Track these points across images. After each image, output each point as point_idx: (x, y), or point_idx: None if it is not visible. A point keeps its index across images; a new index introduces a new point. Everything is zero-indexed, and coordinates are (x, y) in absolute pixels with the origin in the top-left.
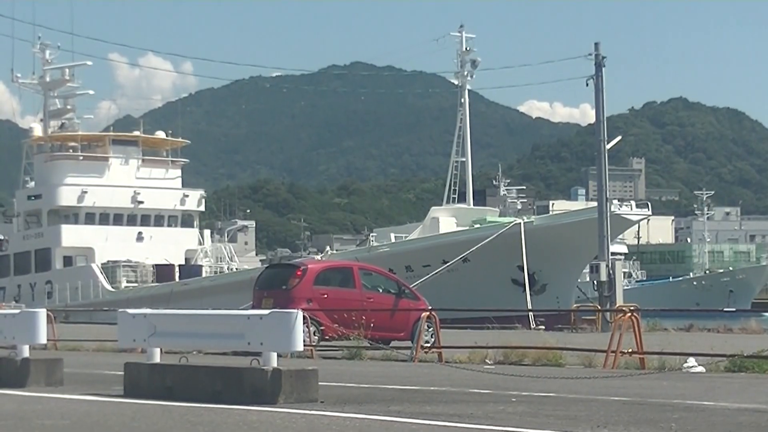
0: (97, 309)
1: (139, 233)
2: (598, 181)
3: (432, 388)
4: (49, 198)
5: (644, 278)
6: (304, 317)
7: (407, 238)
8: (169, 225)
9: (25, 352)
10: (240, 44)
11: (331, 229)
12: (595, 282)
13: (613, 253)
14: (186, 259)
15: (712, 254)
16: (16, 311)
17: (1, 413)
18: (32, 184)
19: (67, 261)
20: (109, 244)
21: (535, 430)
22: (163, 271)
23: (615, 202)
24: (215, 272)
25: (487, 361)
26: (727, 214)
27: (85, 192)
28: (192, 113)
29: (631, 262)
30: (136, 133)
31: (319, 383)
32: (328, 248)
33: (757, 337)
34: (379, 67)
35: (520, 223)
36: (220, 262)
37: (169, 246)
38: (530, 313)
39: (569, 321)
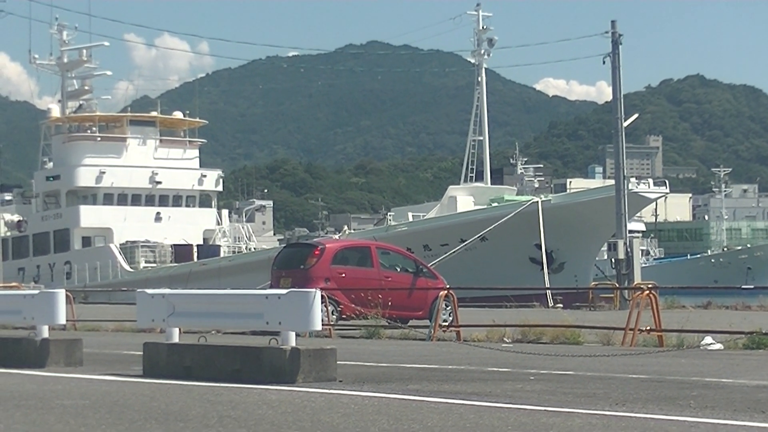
0: (116, 289)
1: (158, 213)
2: (615, 158)
3: (450, 366)
4: (68, 179)
5: (662, 256)
6: (322, 296)
7: (425, 217)
8: (187, 205)
9: (45, 332)
10: (257, 24)
11: (348, 209)
12: (612, 260)
13: (630, 231)
14: (204, 239)
15: (729, 231)
16: (36, 292)
17: (21, 393)
18: (50, 165)
19: (86, 241)
20: (127, 224)
21: (554, 408)
22: (181, 251)
23: (632, 179)
24: (233, 252)
25: (505, 339)
26: (745, 191)
27: (104, 172)
28: (209, 93)
29: (648, 240)
30: (154, 113)
31: (338, 362)
32: (345, 227)
33: None
34: (396, 46)
35: (537, 202)
36: (238, 241)
37: (187, 226)
38: (548, 292)
39: (587, 299)
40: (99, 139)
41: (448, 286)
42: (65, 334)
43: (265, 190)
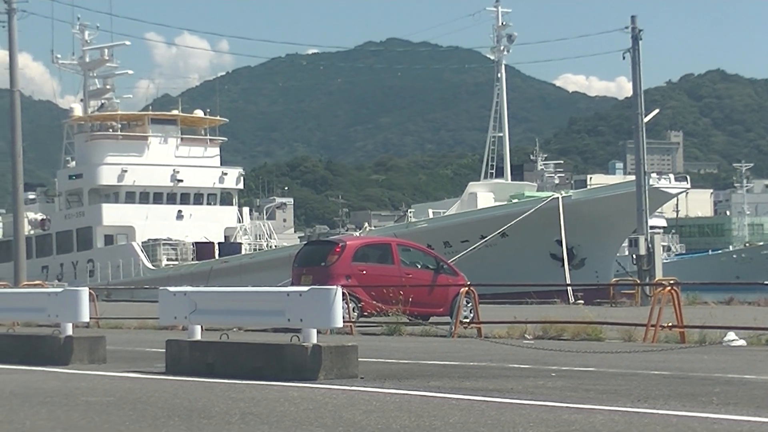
0: (138, 287)
1: (179, 211)
2: (636, 154)
3: (471, 363)
4: (90, 177)
5: (683, 252)
6: (343, 293)
7: (445, 214)
8: (209, 203)
9: (69, 330)
10: (277, 22)
11: (369, 206)
12: (634, 256)
13: (651, 227)
14: (225, 236)
15: (751, 227)
16: (59, 290)
17: (45, 390)
18: (73, 163)
19: (108, 239)
20: (149, 222)
21: (575, 405)
22: (202, 249)
23: (653, 175)
24: (254, 249)
25: (526, 335)
26: (767, 186)
27: (125, 171)
28: (229, 91)
29: (670, 236)
30: (175, 111)
31: (359, 359)
32: (366, 224)
33: None
34: (415, 42)
35: (558, 198)
36: (259, 239)
37: (209, 224)
38: (569, 288)
39: (608, 295)
40: (121, 137)
41: (468, 283)
42: (89, 331)
43: (286, 188)
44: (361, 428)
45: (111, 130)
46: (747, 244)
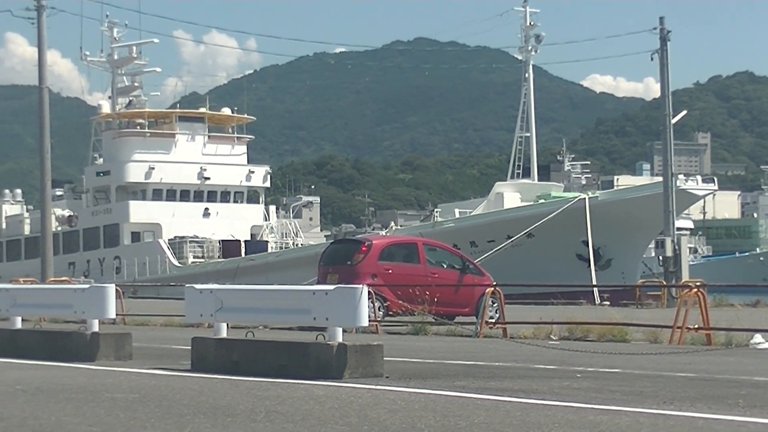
0: (165, 284)
1: (206, 209)
2: (663, 155)
3: (496, 363)
4: (118, 174)
5: (710, 254)
6: (369, 292)
7: (471, 214)
8: (235, 201)
9: (95, 326)
10: (304, 21)
11: (395, 205)
12: (660, 257)
13: (678, 228)
14: (252, 234)
15: None
16: (86, 286)
17: (71, 386)
18: (101, 160)
19: (135, 237)
20: (176, 219)
21: (601, 406)
22: (229, 247)
23: (680, 176)
24: (280, 248)
25: (551, 336)
26: None
27: (153, 168)
28: (256, 90)
29: (696, 238)
30: (202, 109)
31: (384, 358)
32: (392, 224)
33: None
34: (443, 42)
35: (584, 198)
36: (286, 237)
37: (235, 222)
38: (595, 289)
39: (634, 296)
40: (148, 135)
41: (494, 283)
42: (115, 328)
43: (312, 186)
44: (386, 427)
45: (139, 127)
46: None
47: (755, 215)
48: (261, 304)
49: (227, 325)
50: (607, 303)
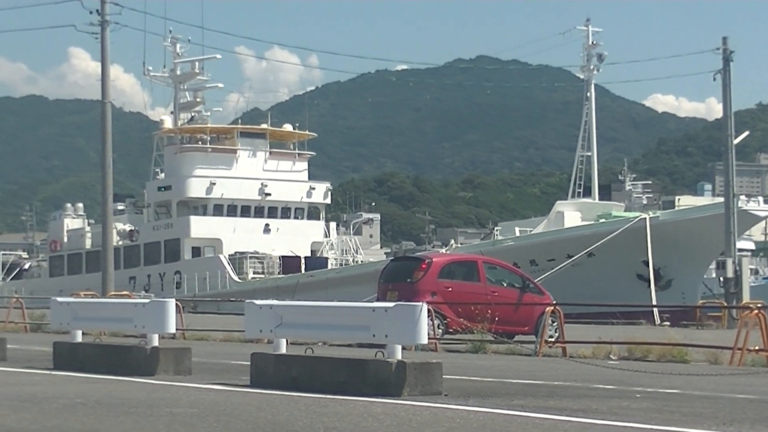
0: (225, 299)
1: (266, 225)
2: (724, 176)
3: (556, 382)
4: (179, 189)
5: None
6: (428, 310)
7: (532, 232)
8: (296, 217)
9: (155, 341)
10: (366, 38)
11: (455, 223)
12: (721, 278)
13: (739, 249)
14: (312, 251)
15: None
16: (146, 301)
17: (131, 401)
18: (162, 175)
19: (196, 252)
20: (236, 235)
21: (660, 427)
22: (289, 263)
23: (742, 197)
24: (340, 264)
25: (611, 356)
26: None
27: (214, 184)
28: (318, 106)
29: (758, 259)
30: (264, 125)
31: (443, 376)
32: (452, 241)
33: None
34: (505, 60)
35: (645, 218)
36: (346, 254)
37: (296, 238)
38: (655, 309)
39: (694, 317)
40: (210, 150)
41: (554, 302)
42: (174, 342)
43: (373, 203)
44: None
45: (200, 142)
46: None
47: None
48: (320, 321)
49: (287, 341)
50: (668, 323)
